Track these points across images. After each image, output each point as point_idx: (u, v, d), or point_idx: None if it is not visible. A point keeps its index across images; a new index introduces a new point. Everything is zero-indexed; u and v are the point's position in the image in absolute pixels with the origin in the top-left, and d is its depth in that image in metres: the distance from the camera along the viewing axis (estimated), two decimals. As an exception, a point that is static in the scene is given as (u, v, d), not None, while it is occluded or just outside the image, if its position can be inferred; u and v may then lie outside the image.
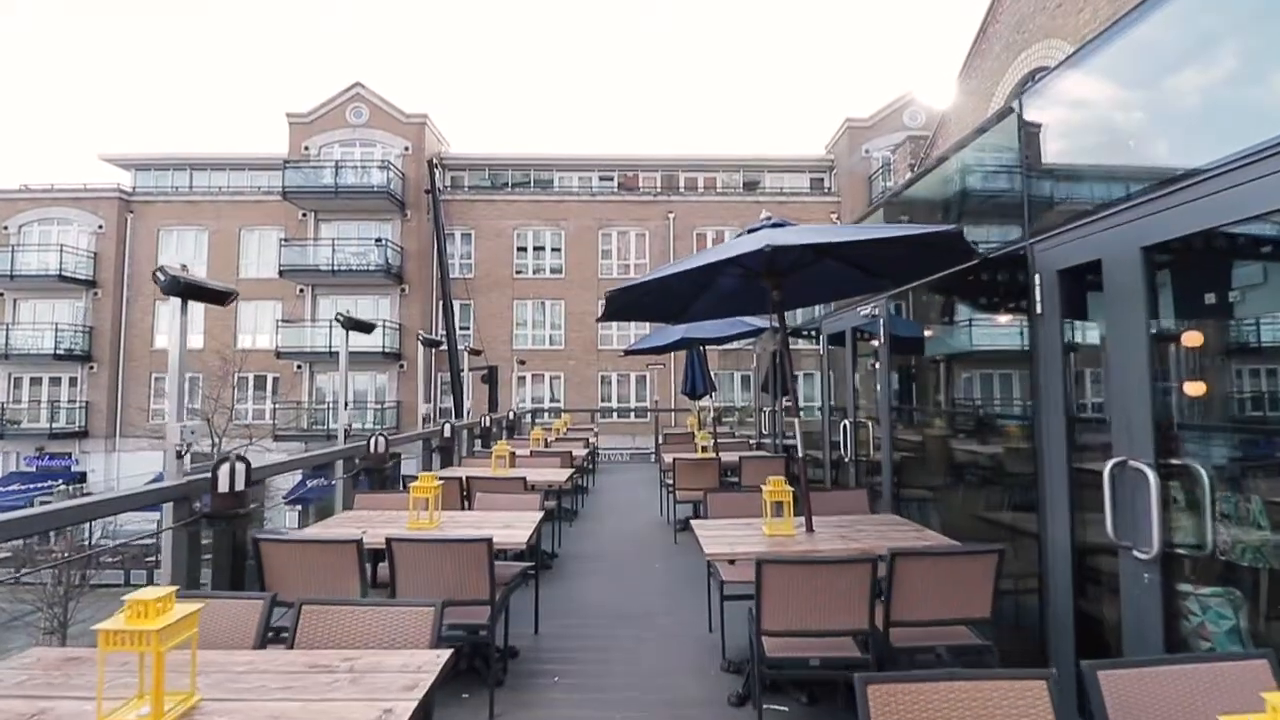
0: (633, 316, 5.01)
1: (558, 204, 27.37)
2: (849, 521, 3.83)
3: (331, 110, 26.82)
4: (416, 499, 3.71)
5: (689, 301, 4.60)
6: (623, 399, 26.76)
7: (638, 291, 3.72)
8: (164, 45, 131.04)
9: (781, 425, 8.31)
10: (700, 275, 4.13)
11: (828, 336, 6.27)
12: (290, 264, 24.88)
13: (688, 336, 6.70)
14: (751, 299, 4.51)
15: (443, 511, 4.13)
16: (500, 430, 10.62)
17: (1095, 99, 2.88)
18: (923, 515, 4.51)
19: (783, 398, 8.47)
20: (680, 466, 6.67)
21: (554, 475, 5.94)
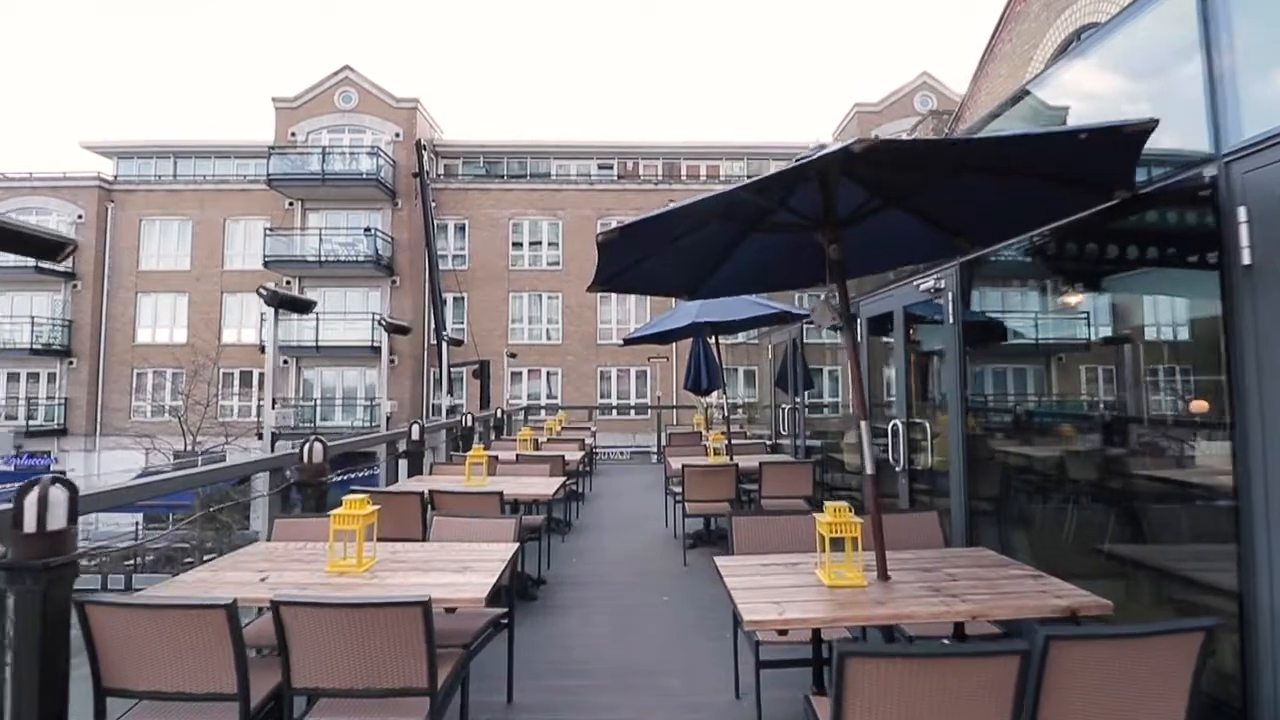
0: (635, 286, 3.62)
1: (555, 193, 26.31)
2: (930, 560, 2.82)
3: (319, 95, 25.73)
4: (340, 531, 2.69)
5: (712, 266, 3.46)
6: (622, 395, 25.74)
7: (642, 236, 2.67)
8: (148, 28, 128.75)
9: (802, 425, 7.31)
10: (730, 219, 3.04)
11: (868, 321, 5.25)
12: (276, 255, 23.83)
13: (700, 320, 5.67)
14: (797, 263, 3.39)
15: (389, 544, 3.12)
16: (487, 430, 9.60)
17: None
18: (1008, 545, 3.50)
19: (803, 393, 7.47)
20: (691, 476, 5.66)
21: (541, 487, 4.92)
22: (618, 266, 2.97)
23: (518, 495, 4.64)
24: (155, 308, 26.74)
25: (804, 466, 5.77)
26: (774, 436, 8.69)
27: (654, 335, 6.71)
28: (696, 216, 2.83)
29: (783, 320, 6.48)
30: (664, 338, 7.10)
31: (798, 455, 7.39)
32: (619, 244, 2.56)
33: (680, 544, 6.31)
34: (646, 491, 9.67)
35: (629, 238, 2.54)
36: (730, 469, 5.69)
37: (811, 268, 3.45)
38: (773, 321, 6.42)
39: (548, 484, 5.06)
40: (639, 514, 7.97)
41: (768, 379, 11.23)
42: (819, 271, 3.49)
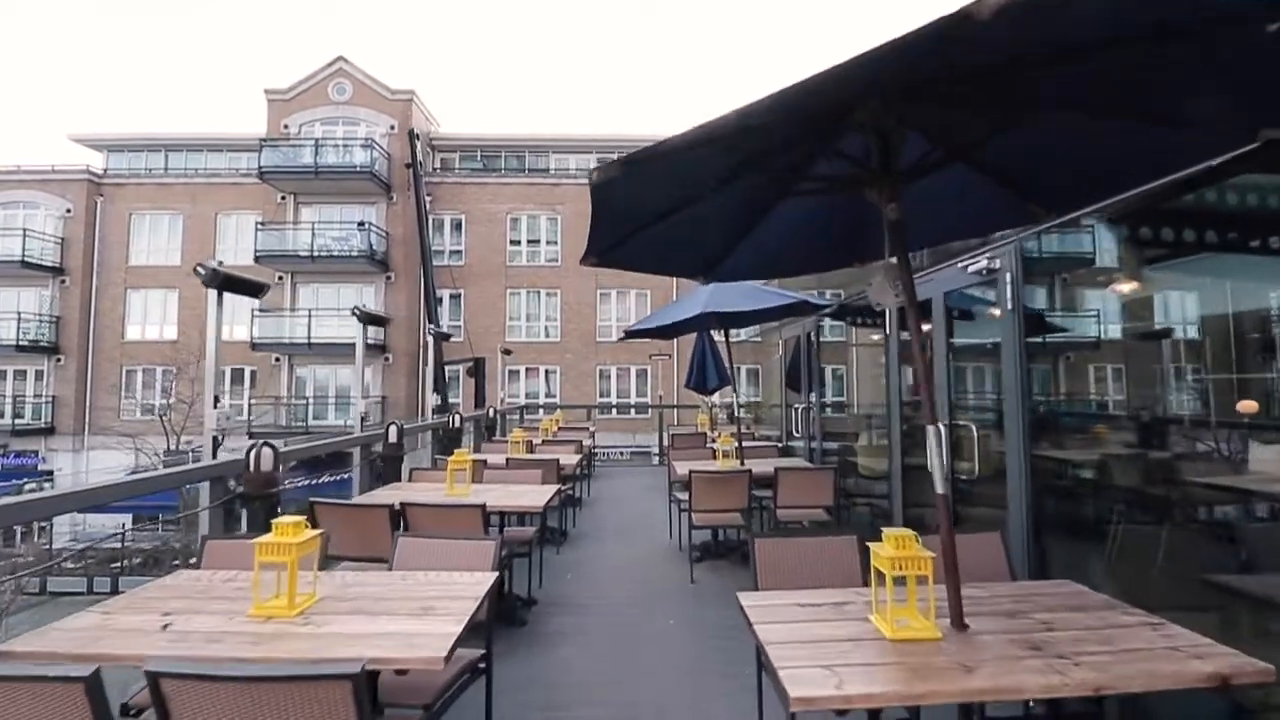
0: (639, 263, 2.82)
1: (554, 187, 25.73)
2: (1008, 599, 2.25)
3: (313, 86, 25.14)
4: (266, 564, 2.12)
5: (731, 242, 2.82)
6: (622, 394, 25.18)
7: (650, 176, 2.00)
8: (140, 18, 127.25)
9: (817, 427, 6.74)
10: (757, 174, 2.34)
11: (899, 312, 4.68)
12: (267, 249, 23.24)
13: (709, 311, 5.10)
14: (829, 239, 2.80)
15: (344, 572, 2.55)
16: (479, 431, 9.02)
17: None
18: (1083, 574, 2.94)
19: (818, 393, 6.91)
20: (699, 483, 5.09)
21: (532, 497, 4.35)
22: (617, 231, 2.38)
23: (504, 507, 4.08)
24: (145, 304, 26.16)
25: (824, 473, 5.20)
26: (785, 438, 8.13)
27: (657, 329, 6.14)
28: (724, 139, 2.09)
29: (799, 312, 5.92)
30: (668, 332, 6.54)
31: (813, 459, 6.83)
32: (620, 185, 1.93)
33: (686, 557, 5.75)
34: (648, 495, 9.10)
35: (632, 173, 1.84)
36: (742, 476, 5.13)
37: (847, 244, 2.88)
38: (788, 314, 5.85)
39: (539, 493, 4.48)
40: (641, 521, 7.41)
41: (774, 377, 10.67)
42: (856, 247, 2.94)
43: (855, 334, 6.67)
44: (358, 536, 3.46)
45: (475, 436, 8.78)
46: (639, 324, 5.88)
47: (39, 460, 25.38)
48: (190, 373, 22.47)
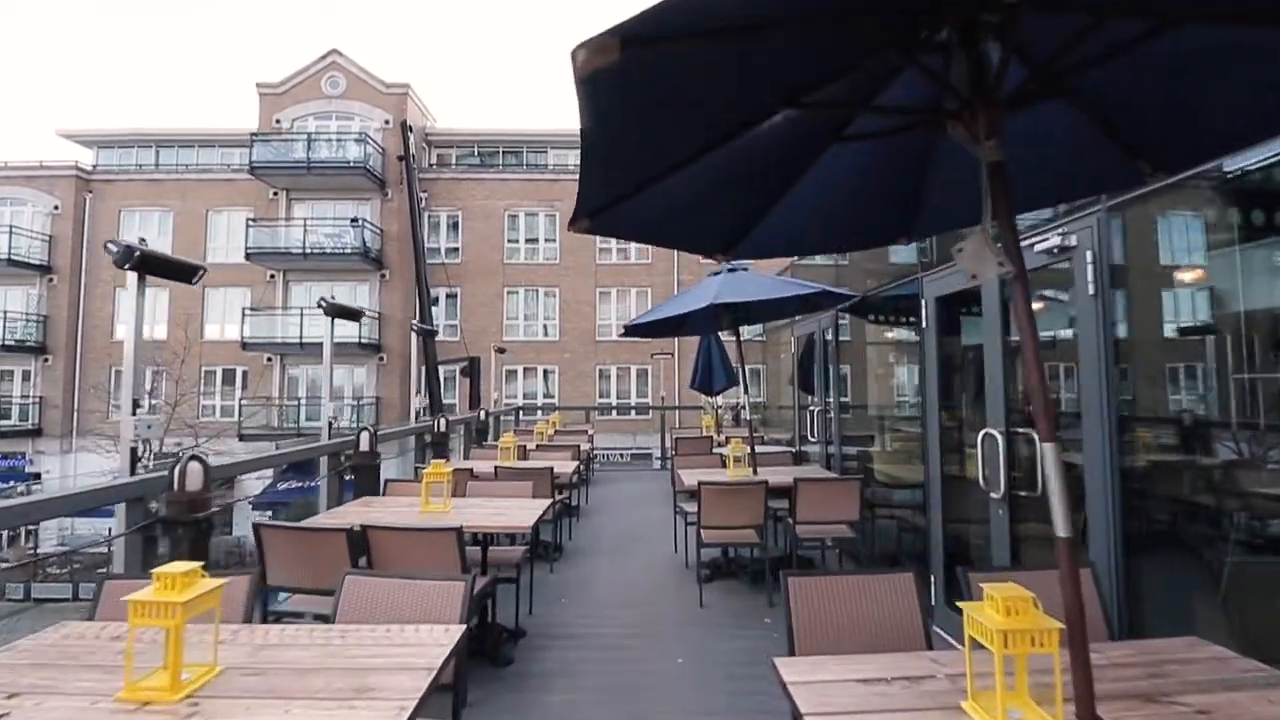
0: (643, 232, 2.31)
1: (553, 183, 25.17)
2: (1138, 670, 1.69)
3: (305, 80, 24.59)
4: (138, 623, 1.56)
5: (766, 200, 2.16)
6: (622, 394, 24.63)
7: None
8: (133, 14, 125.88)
9: (836, 431, 6.18)
10: (805, 88, 1.71)
11: (935, 301, 4.13)
12: (259, 246, 22.69)
13: (721, 303, 4.53)
14: (903, 193, 2.18)
15: (264, 630, 1.99)
16: (468, 436, 8.44)
17: None
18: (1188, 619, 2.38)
19: (829, 394, 6.36)
20: (709, 496, 4.53)
21: (519, 515, 3.77)
22: (613, 174, 1.75)
23: (486, 527, 3.51)
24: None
25: (848, 485, 4.63)
26: (797, 442, 7.57)
27: (661, 323, 5.57)
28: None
29: (819, 305, 5.37)
30: (673, 328, 5.99)
31: (829, 465, 6.27)
32: (618, 94, 1.29)
33: (694, 575, 5.19)
34: (650, 503, 8.54)
35: (635, 67, 1.18)
36: (758, 488, 4.56)
37: (907, 209, 2.31)
38: (807, 308, 5.29)
39: (529, 509, 3.91)
40: (642, 533, 6.84)
41: (783, 377, 10.11)
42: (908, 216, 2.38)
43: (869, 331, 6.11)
44: (306, 565, 2.90)
45: (465, 441, 8.20)
46: (641, 318, 5.32)
47: (26, 462, 24.84)
48: (174, 372, 21.93)
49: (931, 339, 4.15)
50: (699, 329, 6.35)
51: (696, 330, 6.26)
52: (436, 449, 6.46)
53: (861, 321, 5.91)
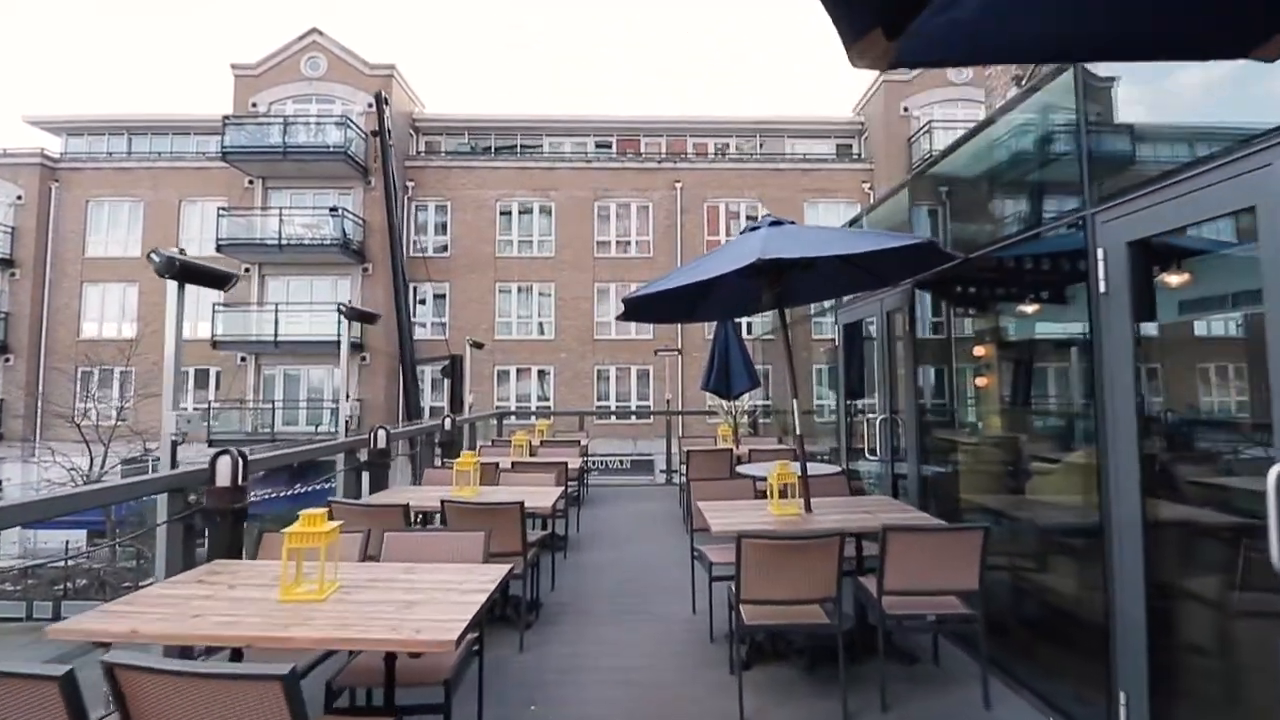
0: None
1: (548, 171, 23.62)
2: None
3: (284, 61, 23.04)
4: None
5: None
6: (622, 396, 23.04)
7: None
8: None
9: (915, 446, 4.57)
10: None
11: (1127, 251, 2.55)
12: (231, 238, 21.12)
13: (770, 258, 2.95)
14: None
15: None
16: (427, 451, 6.75)
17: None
18: None
19: (893, 398, 4.79)
20: (755, 558, 2.94)
21: (472, 575, 2.19)
22: None
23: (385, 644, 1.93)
24: (103, 299, 24.07)
25: (967, 538, 3.04)
26: (843, 458, 5.98)
27: (674, 296, 3.99)
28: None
29: (903, 267, 3.79)
30: (687, 308, 4.41)
31: (899, 492, 4.68)
32: None
33: (724, 653, 3.63)
34: (656, 533, 6.96)
35: None
36: (827, 547, 2.97)
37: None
38: (913, 264, 3.67)
39: (485, 577, 2.34)
40: (649, 581, 5.25)
41: (811, 375, 8.53)
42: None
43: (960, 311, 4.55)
44: None
45: (423, 457, 6.55)
46: (646, 289, 3.69)
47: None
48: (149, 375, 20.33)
49: (1118, 309, 2.57)
50: (722, 309, 4.76)
51: (717, 312, 4.69)
52: (375, 475, 4.83)
53: (945, 298, 4.34)
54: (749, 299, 4.41)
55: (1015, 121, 3.34)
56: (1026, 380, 3.64)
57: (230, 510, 3.01)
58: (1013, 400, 3.77)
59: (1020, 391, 3.69)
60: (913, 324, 4.37)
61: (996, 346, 3.92)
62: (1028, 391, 3.63)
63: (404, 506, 3.66)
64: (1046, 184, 3.23)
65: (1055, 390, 3.36)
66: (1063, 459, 3.23)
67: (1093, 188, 2.76)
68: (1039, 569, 3.41)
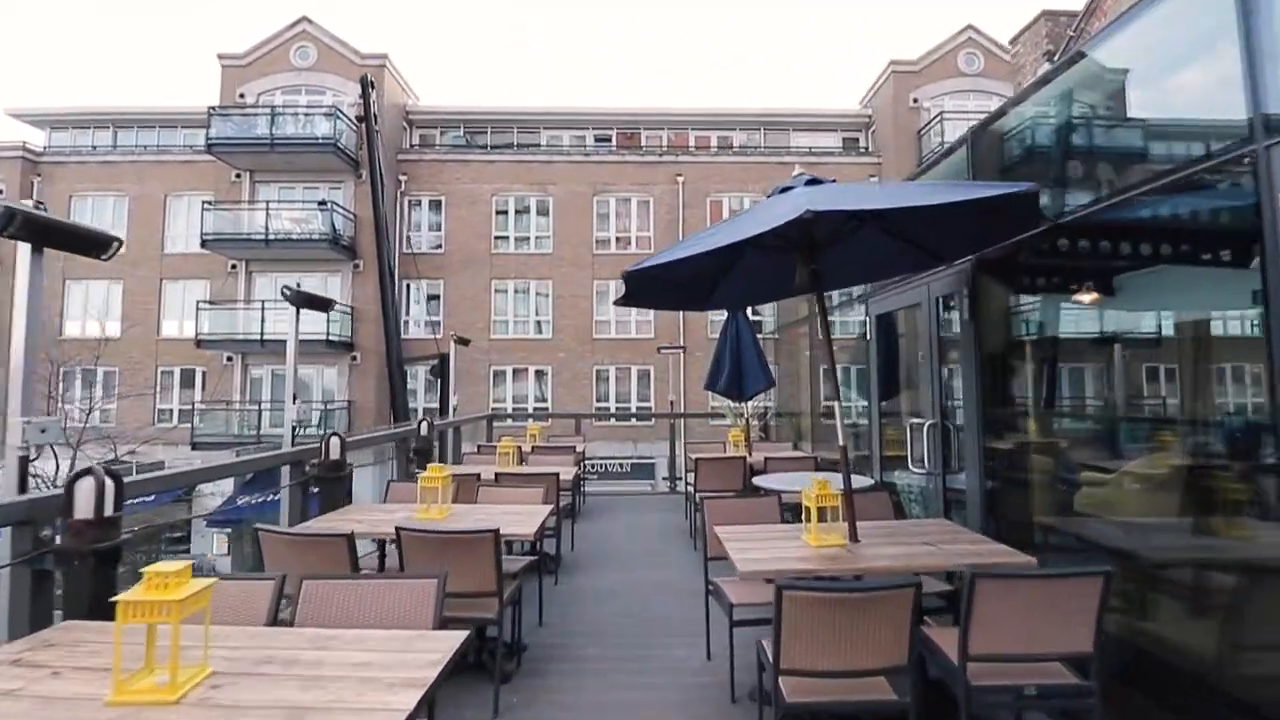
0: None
1: (545, 165, 22.88)
2: None
3: (273, 51, 22.31)
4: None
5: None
6: (622, 398, 22.28)
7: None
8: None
9: (970, 459, 3.80)
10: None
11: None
12: (217, 233, 20.38)
13: (820, 211, 2.20)
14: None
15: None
16: (405, 460, 5.96)
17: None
18: None
19: (948, 400, 4.03)
20: (798, 610, 2.19)
21: (409, 652, 1.46)
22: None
23: None
24: (86, 297, 23.30)
25: (1083, 586, 2.28)
26: (877, 470, 5.20)
27: (685, 268, 3.23)
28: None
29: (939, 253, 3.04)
30: (704, 288, 3.67)
31: (952, 511, 3.92)
32: None
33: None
34: (661, 549, 6.20)
35: None
36: (900, 599, 2.21)
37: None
38: (1010, 221, 2.88)
39: (425, 655, 1.59)
40: (653, 615, 4.49)
41: (801, 378, 7.75)
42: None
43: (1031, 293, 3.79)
44: None
45: (400, 465, 5.77)
46: (654, 259, 2.87)
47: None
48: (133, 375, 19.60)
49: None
50: (743, 293, 3.99)
51: (737, 296, 3.94)
52: (326, 492, 4.06)
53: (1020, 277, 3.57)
54: (776, 281, 3.66)
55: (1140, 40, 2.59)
56: (1140, 376, 2.89)
57: (93, 551, 2.29)
58: (1118, 402, 3.00)
59: (1127, 389, 2.93)
60: (976, 310, 3.61)
61: (1096, 334, 3.16)
62: (1140, 390, 2.88)
63: (347, 536, 2.89)
64: (1183, 121, 2.49)
65: (1179, 387, 2.60)
66: (1216, 474, 2.47)
67: (1264, 116, 2.02)
68: (1182, 623, 2.64)
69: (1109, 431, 3.10)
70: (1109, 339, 3.02)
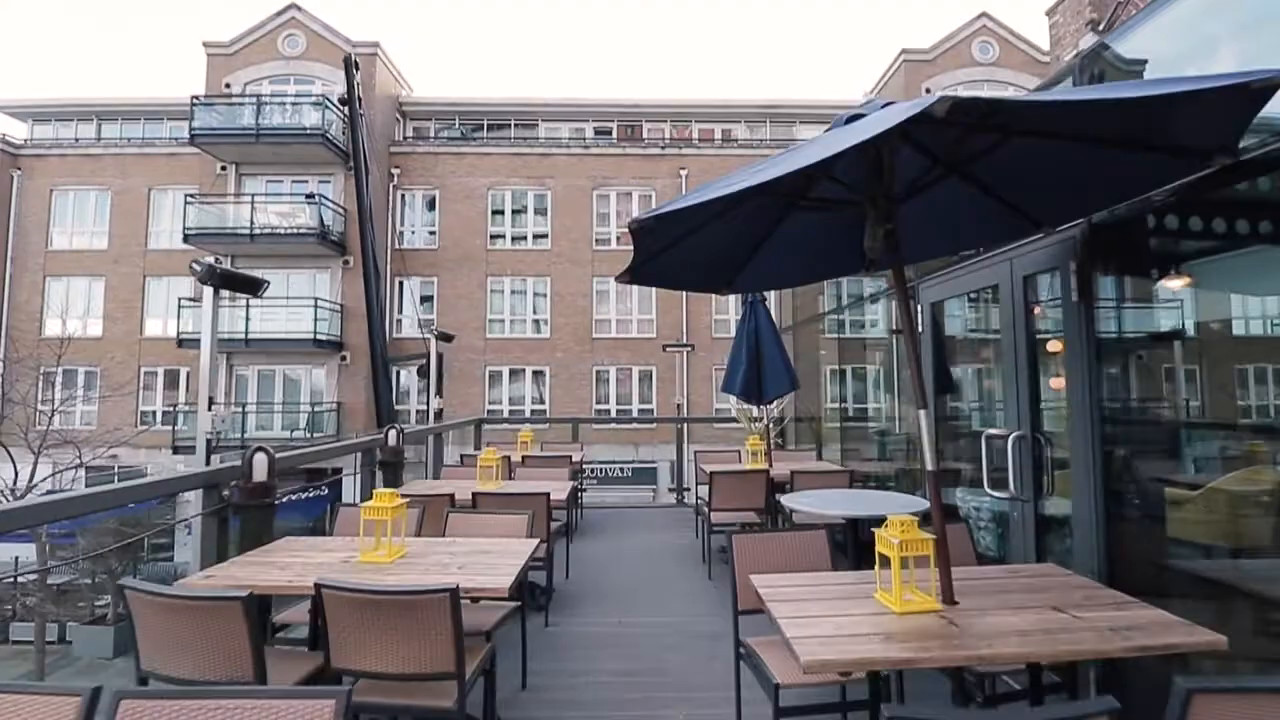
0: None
1: (543, 158, 22.04)
2: None
3: (260, 39, 21.46)
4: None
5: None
6: (622, 399, 21.42)
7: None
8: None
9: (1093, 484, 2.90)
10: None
11: None
12: (200, 227, 19.54)
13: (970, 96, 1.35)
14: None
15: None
16: (367, 477, 4.99)
17: None
18: None
19: (1037, 405, 3.16)
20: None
21: None
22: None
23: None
24: (67, 294, 22.48)
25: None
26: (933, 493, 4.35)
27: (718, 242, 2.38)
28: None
29: (1038, 216, 2.21)
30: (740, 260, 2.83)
31: (1048, 551, 3.06)
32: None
33: None
34: (672, 579, 5.33)
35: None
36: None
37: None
38: None
39: None
40: (670, 679, 3.61)
41: (816, 373, 6.89)
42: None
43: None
44: None
45: (364, 481, 4.86)
46: (673, 203, 2.06)
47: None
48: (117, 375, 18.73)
49: None
50: (783, 268, 3.14)
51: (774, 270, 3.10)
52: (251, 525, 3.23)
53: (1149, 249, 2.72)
54: (828, 253, 2.82)
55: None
56: None
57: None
58: None
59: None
60: (1089, 290, 2.75)
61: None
62: None
63: (243, 600, 2.03)
64: None
65: None
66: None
67: None
68: None
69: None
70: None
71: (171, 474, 3.04)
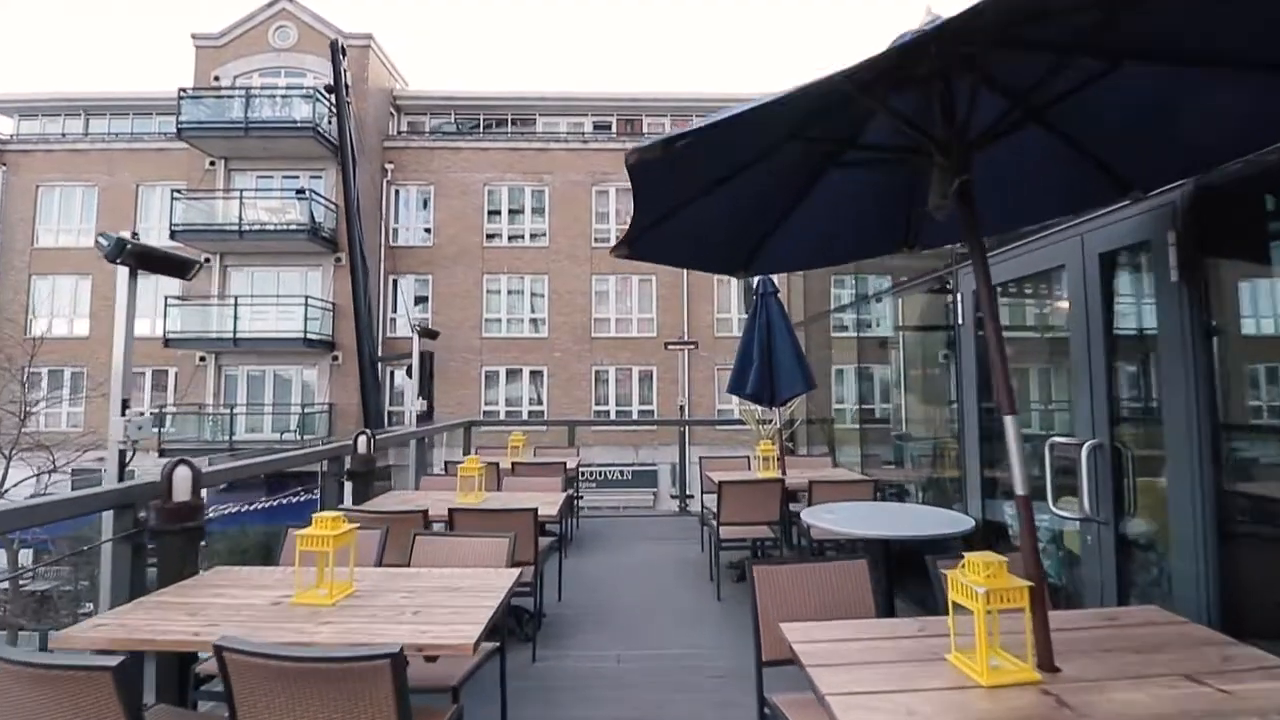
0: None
1: (540, 153, 21.51)
2: None
3: (250, 30, 20.95)
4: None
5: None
6: (622, 400, 20.88)
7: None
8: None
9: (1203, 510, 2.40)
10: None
11: None
12: (187, 224, 19.00)
13: None
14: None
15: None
16: (332, 488, 4.44)
17: None
18: None
19: (1112, 408, 2.65)
20: None
21: None
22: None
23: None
24: (53, 293, 21.94)
25: None
26: (976, 503, 3.78)
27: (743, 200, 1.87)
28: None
29: (1127, 177, 1.70)
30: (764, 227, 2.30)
31: (1129, 583, 2.54)
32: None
33: None
34: (677, 602, 4.79)
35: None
36: None
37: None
38: None
39: None
40: (679, 713, 3.09)
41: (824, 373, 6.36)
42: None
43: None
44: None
45: (329, 494, 4.32)
46: (704, 121, 1.59)
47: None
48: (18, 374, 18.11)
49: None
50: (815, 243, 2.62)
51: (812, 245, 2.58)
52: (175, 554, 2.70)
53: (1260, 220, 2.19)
54: (877, 221, 2.30)
55: None
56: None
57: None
58: None
59: None
60: (1190, 268, 2.21)
61: None
62: None
63: (113, 671, 1.47)
64: None
65: None
66: None
67: None
68: None
69: None
70: None
71: (81, 492, 2.51)
